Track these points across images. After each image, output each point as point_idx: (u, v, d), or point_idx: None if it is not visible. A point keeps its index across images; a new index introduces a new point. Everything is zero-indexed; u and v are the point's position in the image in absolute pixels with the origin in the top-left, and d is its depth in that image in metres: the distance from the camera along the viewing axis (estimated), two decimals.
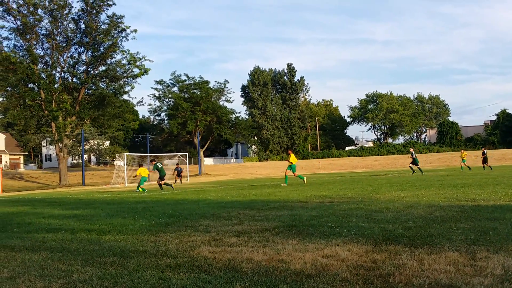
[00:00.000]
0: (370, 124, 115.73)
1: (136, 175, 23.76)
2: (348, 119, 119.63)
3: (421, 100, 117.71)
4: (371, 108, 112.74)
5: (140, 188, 22.99)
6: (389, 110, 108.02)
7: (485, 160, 33.44)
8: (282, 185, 21.31)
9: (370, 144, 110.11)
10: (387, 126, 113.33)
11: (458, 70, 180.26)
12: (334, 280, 3.80)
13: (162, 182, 23.42)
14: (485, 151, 34.60)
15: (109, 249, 5.73)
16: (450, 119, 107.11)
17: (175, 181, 35.85)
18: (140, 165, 24.81)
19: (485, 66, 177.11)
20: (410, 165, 30.82)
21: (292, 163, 21.78)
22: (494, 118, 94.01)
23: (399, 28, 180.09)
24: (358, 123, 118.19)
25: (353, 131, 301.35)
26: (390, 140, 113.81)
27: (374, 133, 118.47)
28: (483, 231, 5.68)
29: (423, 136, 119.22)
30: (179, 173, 36.34)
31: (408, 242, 5.23)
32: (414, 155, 30.39)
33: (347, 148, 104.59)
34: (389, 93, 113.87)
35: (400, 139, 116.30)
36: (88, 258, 5.18)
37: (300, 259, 4.60)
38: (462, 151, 37.08)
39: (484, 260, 4.18)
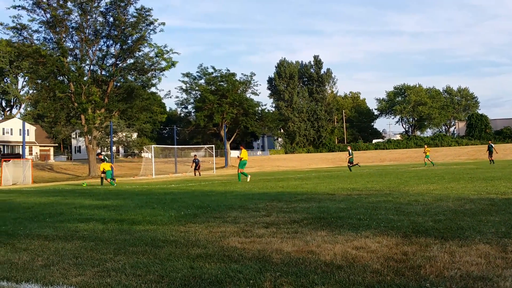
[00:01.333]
0: (398, 117, 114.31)
1: (102, 170, 24.69)
2: (376, 112, 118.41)
3: (450, 93, 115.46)
4: (399, 100, 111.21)
5: (113, 182, 24.08)
6: (417, 102, 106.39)
7: (490, 154, 32.96)
8: (240, 181, 21.05)
9: (398, 137, 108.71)
10: (415, 118, 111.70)
11: (488, 62, 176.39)
12: (364, 272, 3.79)
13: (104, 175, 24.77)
14: (491, 144, 33.89)
15: (140, 238, 5.83)
16: (479, 112, 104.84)
17: (194, 174, 35.90)
18: (102, 160, 25.49)
19: None
20: (348, 164, 30.82)
21: (242, 158, 21.54)
22: None
23: (428, 20, 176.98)
24: (385, 115, 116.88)
25: (380, 123, 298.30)
26: (418, 133, 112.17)
27: (402, 125, 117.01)
28: None
29: (451, 129, 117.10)
30: (196, 165, 36.13)
31: (439, 234, 5.18)
32: (351, 154, 30.77)
33: (374, 141, 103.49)
34: (417, 86, 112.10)
35: (429, 132, 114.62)
36: (120, 247, 5.28)
37: (330, 250, 4.60)
38: (426, 146, 36.38)
39: None
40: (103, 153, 24.83)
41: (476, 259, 4.00)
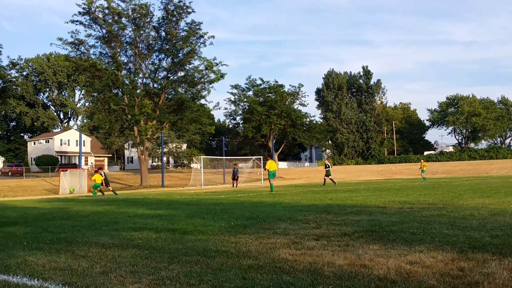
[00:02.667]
0: (450, 128, 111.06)
1: (93, 179, 25.84)
2: (427, 123, 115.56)
3: (505, 103, 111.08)
4: (451, 111, 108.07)
5: (96, 192, 25.54)
6: (471, 113, 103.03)
7: None
8: (272, 192, 21.74)
9: (451, 149, 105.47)
10: (469, 130, 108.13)
11: None
12: (420, 287, 3.72)
13: (110, 188, 26.34)
14: None
15: (192, 248, 5.94)
16: None
17: (233, 185, 35.52)
18: (96, 171, 26.63)
19: None
20: (325, 177, 29.74)
21: (269, 169, 22.17)
22: None
23: (481, 28, 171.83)
24: (437, 127, 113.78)
25: (432, 135, 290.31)
26: (472, 145, 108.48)
27: (455, 137, 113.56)
28: None
29: (507, 141, 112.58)
30: (234, 176, 35.57)
31: (496, 250, 5.01)
32: (329, 167, 29.46)
33: (425, 153, 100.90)
34: (470, 96, 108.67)
35: (483, 144, 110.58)
36: (173, 256, 5.40)
37: (383, 264, 4.54)
38: (422, 161, 34.73)
39: None
40: (101, 170, 26.64)
41: None
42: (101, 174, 25.82)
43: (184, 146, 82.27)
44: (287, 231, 7.26)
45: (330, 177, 29.36)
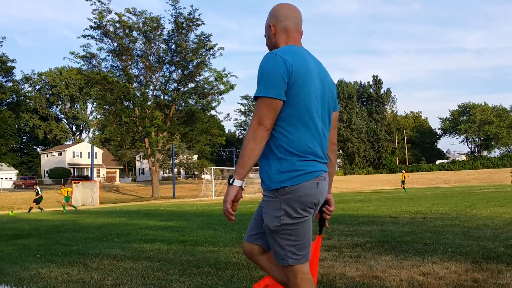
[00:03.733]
0: (462, 137, 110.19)
1: (63, 194, 26.06)
2: (439, 131, 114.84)
3: None
4: (463, 119, 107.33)
5: (69, 207, 26.04)
6: (483, 121, 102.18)
7: None
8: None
9: (463, 158, 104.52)
10: (482, 138, 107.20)
11: None
12: None
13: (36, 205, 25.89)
14: None
15: (203, 260, 5.94)
16: None
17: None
18: (63, 185, 27.15)
19: None
20: None
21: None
22: None
23: (492, 36, 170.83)
24: (449, 135, 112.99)
25: (444, 143, 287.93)
26: (485, 153, 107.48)
27: (467, 145, 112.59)
28: None
29: None
30: None
31: (511, 261, 4.94)
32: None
33: (437, 162, 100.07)
34: (483, 104, 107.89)
35: (496, 152, 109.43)
36: (185, 268, 5.40)
37: (396, 276, 4.50)
38: (404, 171, 34.39)
39: None
40: (36, 186, 27.19)
41: None
42: (36, 190, 25.55)
43: (195, 157, 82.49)
44: None
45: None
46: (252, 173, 59.25)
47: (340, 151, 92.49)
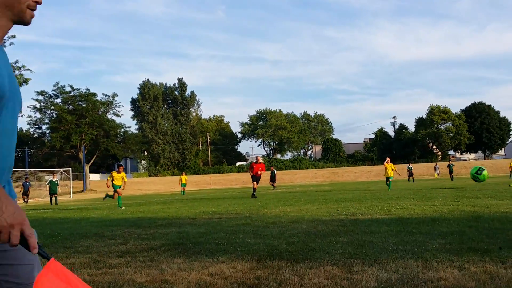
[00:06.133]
0: (260, 140, 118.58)
1: None
2: (239, 135, 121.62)
3: (307, 118, 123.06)
4: (261, 124, 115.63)
5: None
6: (277, 126, 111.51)
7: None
8: None
9: (260, 160, 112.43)
10: (276, 142, 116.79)
11: (341, 91, 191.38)
12: None
13: None
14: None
15: None
16: (334, 136, 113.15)
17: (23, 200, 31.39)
18: None
19: (364, 87, 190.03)
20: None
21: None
22: (373, 136, 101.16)
23: (287, 49, 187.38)
24: (248, 139, 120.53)
25: (244, 146, 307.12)
26: (279, 156, 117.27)
27: (264, 149, 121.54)
28: (359, 245, 6.00)
29: (309, 153, 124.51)
30: (25, 191, 31.29)
31: (291, 257, 5.35)
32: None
33: (237, 164, 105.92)
34: (278, 110, 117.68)
35: (288, 155, 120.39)
36: None
37: (185, 278, 4.51)
38: (183, 173, 39.58)
39: (360, 273, 4.40)
40: None
41: (324, 281, 4.17)
42: None
43: None
44: (90, 249, 6.83)
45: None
46: (47, 174, 54.90)
47: (145, 153, 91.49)
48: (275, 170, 35.68)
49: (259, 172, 23.43)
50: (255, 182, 22.98)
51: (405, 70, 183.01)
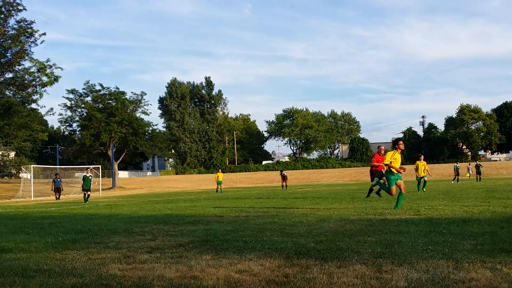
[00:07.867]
0: (286, 139, 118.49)
1: None
2: (266, 134, 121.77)
3: (334, 117, 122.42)
4: (287, 123, 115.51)
5: None
6: (304, 125, 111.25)
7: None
8: None
9: (286, 159, 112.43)
10: (303, 141, 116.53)
11: (368, 89, 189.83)
12: None
13: None
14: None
15: (9, 268, 5.34)
16: (361, 135, 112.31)
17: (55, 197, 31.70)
18: None
19: (393, 86, 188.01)
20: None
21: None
22: (401, 135, 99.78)
23: (314, 48, 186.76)
24: (275, 137, 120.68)
25: (270, 145, 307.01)
26: (305, 155, 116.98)
27: (290, 147, 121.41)
28: (389, 244, 5.94)
29: (336, 152, 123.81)
30: (56, 187, 31.31)
31: (319, 255, 5.34)
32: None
33: (264, 162, 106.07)
34: (304, 109, 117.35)
35: (315, 154, 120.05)
36: None
37: (213, 275, 4.55)
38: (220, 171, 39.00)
39: (389, 273, 4.36)
40: None
41: (353, 280, 4.15)
42: None
43: (12, 154, 75.02)
44: (120, 245, 6.94)
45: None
46: (77, 171, 56.01)
47: (172, 151, 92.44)
48: (285, 173, 36.82)
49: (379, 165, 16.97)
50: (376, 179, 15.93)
51: (434, 69, 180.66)
